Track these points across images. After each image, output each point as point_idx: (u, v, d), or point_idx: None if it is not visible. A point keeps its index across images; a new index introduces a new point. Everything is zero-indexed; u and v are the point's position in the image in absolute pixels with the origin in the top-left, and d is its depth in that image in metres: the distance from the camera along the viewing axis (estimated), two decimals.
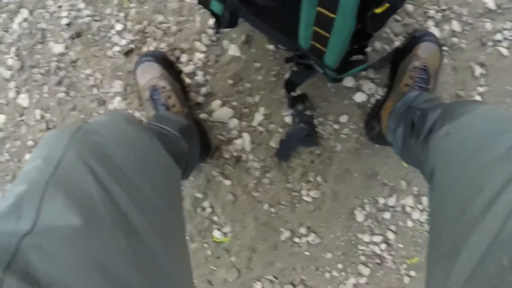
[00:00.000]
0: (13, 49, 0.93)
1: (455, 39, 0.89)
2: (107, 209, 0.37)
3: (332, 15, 0.52)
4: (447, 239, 0.44)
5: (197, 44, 0.89)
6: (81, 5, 0.91)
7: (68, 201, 0.35)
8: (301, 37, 0.60)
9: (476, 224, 0.40)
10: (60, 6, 0.93)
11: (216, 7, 0.62)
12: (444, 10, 0.89)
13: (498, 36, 0.89)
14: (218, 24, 0.73)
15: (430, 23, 0.90)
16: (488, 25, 0.89)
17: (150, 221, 0.40)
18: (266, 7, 0.55)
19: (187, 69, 0.89)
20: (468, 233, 0.40)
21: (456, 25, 0.89)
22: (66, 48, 0.92)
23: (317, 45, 0.59)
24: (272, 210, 0.94)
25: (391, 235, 0.96)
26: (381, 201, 0.95)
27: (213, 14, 0.67)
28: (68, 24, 0.92)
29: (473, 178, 0.44)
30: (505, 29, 0.89)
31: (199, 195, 0.93)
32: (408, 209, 0.97)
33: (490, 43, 0.89)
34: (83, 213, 0.35)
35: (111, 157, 0.42)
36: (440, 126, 0.57)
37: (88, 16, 0.91)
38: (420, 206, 0.97)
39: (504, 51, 0.89)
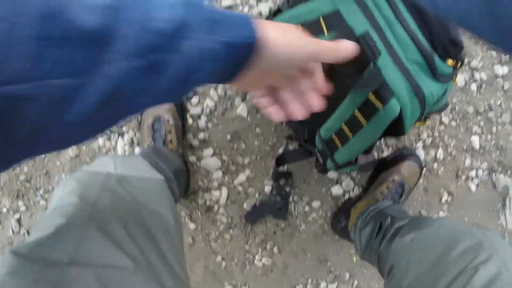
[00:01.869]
0: None
1: (435, 165, 0.97)
2: (139, 260, 0.40)
3: (365, 121, 0.56)
4: None
5: (211, 91, 0.92)
6: None
7: (113, 244, 0.38)
8: (326, 127, 0.62)
9: None
10: None
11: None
12: (435, 136, 0.97)
13: (473, 173, 0.97)
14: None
15: (419, 144, 0.97)
16: (468, 161, 0.97)
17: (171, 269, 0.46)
18: None
19: (194, 110, 0.92)
20: None
21: (441, 153, 0.97)
22: None
23: (336, 140, 0.62)
24: (224, 263, 0.97)
25: None
26: (323, 284, 1.00)
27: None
28: None
29: (429, 277, 0.53)
30: (480, 168, 0.97)
31: None
32: None
33: (463, 177, 0.97)
34: (129, 258, 0.39)
35: (138, 209, 0.47)
36: (406, 233, 0.66)
37: None
38: None
39: (473, 188, 0.97)
